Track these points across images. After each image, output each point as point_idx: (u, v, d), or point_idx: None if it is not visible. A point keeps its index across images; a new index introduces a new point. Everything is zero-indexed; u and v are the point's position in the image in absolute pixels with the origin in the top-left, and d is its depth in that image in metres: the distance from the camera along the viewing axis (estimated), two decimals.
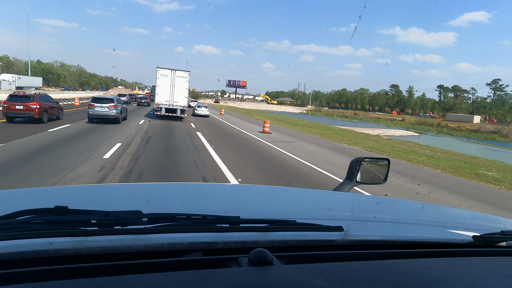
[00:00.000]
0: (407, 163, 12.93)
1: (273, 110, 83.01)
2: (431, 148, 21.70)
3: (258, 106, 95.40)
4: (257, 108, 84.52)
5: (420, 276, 0.74)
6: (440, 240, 1.06)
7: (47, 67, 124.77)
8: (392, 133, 39.29)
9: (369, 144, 19.15)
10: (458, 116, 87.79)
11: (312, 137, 19.91)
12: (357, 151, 15.24)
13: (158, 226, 0.86)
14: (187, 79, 22.51)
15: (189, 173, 7.62)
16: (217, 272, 0.69)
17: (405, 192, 7.70)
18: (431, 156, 16.06)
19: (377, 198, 1.90)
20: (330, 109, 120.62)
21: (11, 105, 14.24)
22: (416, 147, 21.33)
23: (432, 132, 54.26)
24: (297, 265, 0.75)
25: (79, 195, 1.36)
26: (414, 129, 54.51)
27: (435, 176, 10.79)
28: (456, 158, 16.58)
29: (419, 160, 13.86)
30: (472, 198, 8.09)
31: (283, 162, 10.44)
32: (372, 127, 49.40)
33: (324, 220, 1.14)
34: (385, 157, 3.49)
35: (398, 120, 79.76)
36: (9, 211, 0.82)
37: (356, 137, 23.91)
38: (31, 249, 0.72)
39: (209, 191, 1.67)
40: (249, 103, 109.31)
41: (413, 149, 19.08)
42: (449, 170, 12.19)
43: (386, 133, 37.71)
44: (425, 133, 49.95)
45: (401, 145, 20.94)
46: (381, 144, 20.48)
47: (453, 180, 10.49)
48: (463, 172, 11.99)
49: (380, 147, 17.66)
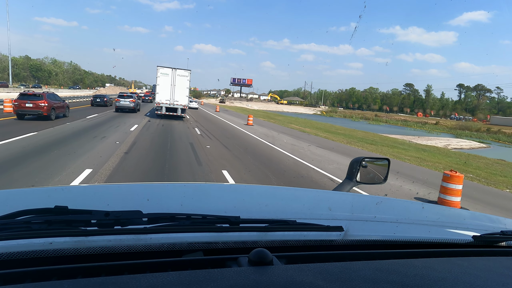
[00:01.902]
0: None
1: (283, 110, 77.24)
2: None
3: (267, 107, 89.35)
4: (266, 108, 78.88)
5: (420, 276, 0.74)
6: (440, 240, 1.06)
7: (36, 64, 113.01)
8: (460, 145, 30.70)
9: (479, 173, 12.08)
10: (506, 119, 77.68)
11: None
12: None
13: (158, 226, 0.86)
14: (187, 78, 22.22)
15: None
16: (217, 272, 0.69)
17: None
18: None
19: (377, 198, 1.90)
20: (345, 109, 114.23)
21: (22, 103, 14.91)
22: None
23: (490, 140, 44.01)
24: (297, 265, 0.75)
25: (79, 195, 1.37)
26: (467, 137, 44.88)
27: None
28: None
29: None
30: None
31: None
32: (413, 134, 41.11)
33: (324, 220, 1.14)
34: (385, 157, 3.45)
35: (432, 124, 69.94)
36: (9, 211, 0.82)
37: (433, 155, 16.82)
38: (31, 249, 0.72)
39: (209, 191, 1.67)
40: (257, 103, 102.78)
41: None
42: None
43: (452, 145, 29.63)
44: (488, 143, 39.89)
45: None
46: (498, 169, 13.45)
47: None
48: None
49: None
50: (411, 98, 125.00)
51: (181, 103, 22.33)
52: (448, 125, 68.80)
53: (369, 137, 25.04)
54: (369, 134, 29.38)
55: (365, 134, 28.39)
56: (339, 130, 29.70)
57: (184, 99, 22.40)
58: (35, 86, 67.71)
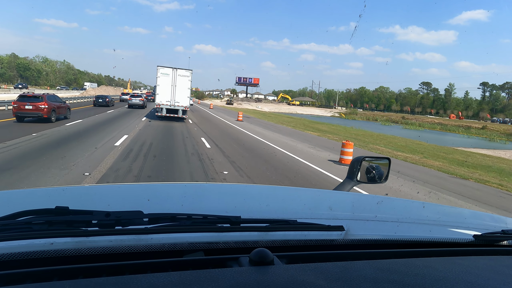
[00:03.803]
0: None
1: (296, 112, 69.89)
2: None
3: (279, 108, 78.86)
4: (279, 110, 69.87)
5: (421, 276, 0.74)
6: (441, 239, 1.05)
7: (24, 62, 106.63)
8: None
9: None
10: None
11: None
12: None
13: (159, 226, 0.85)
14: (189, 78, 21.27)
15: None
16: (218, 272, 0.69)
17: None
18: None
19: (378, 198, 1.90)
20: (364, 110, 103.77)
21: (21, 105, 14.53)
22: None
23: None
24: (298, 265, 0.75)
25: (79, 195, 1.37)
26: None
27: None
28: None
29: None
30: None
31: None
32: (479, 144, 31.78)
33: (325, 220, 1.14)
34: (386, 156, 3.42)
35: (477, 128, 56.83)
36: (10, 212, 0.82)
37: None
38: (32, 249, 0.72)
39: (209, 191, 1.67)
40: (267, 105, 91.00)
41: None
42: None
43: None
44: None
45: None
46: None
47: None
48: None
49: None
50: (430, 98, 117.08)
51: (182, 104, 21.47)
52: (500, 129, 54.33)
53: (454, 156, 16.45)
54: (442, 149, 19.47)
55: (436, 149, 19.07)
56: (390, 140, 21.48)
57: (185, 100, 21.53)
58: (18, 86, 61.83)
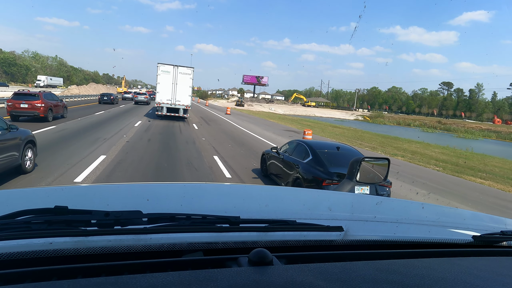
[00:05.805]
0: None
1: (315, 115, 62.44)
2: None
3: (294, 110, 69.38)
4: (294, 113, 61.79)
5: (420, 276, 0.74)
6: (440, 240, 1.06)
7: (8, 57, 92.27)
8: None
9: None
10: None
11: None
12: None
13: (158, 226, 0.85)
14: (190, 76, 20.50)
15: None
16: (217, 272, 0.69)
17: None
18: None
19: (377, 198, 1.90)
20: (391, 113, 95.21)
21: (16, 103, 13.96)
22: None
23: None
24: (297, 265, 0.75)
25: (79, 195, 1.37)
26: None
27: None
28: None
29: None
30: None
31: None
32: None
33: (324, 220, 1.14)
34: (385, 156, 3.44)
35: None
36: (9, 211, 0.82)
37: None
38: (31, 249, 0.72)
39: (209, 191, 1.67)
40: (281, 106, 78.75)
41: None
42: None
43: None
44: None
45: None
46: None
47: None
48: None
49: None
50: (453, 100, 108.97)
51: (184, 103, 20.70)
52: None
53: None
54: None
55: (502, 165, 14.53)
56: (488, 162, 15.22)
57: (186, 98, 20.70)
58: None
